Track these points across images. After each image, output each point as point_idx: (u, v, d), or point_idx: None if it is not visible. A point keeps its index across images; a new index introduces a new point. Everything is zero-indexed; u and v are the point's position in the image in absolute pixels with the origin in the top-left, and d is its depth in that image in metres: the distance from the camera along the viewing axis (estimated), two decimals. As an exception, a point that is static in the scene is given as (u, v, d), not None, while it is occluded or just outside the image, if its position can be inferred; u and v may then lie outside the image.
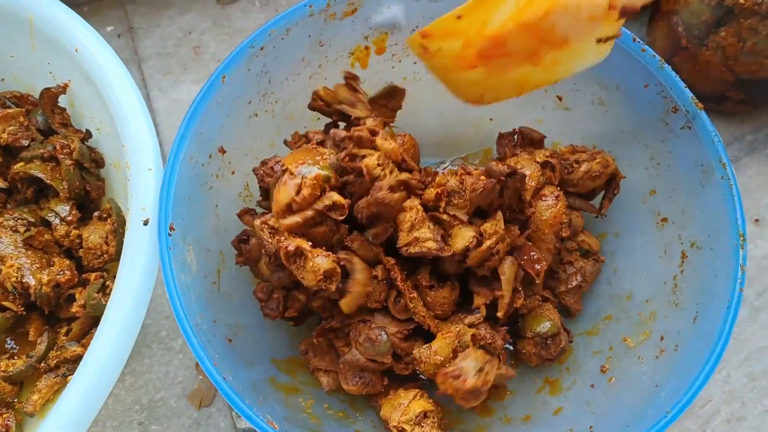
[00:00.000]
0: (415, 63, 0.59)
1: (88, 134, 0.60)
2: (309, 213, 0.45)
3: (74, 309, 0.54)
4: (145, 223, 0.46)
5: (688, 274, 0.50)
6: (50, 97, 0.59)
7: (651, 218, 0.54)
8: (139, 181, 0.48)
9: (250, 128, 0.56)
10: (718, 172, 0.48)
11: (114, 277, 0.51)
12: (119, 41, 0.73)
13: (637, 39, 0.51)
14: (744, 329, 0.61)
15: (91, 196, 0.60)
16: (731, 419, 0.58)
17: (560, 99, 0.58)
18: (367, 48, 0.58)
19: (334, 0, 0.53)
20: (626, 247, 0.57)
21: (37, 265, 0.55)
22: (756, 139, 0.70)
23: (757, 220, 0.66)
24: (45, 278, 0.54)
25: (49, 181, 0.57)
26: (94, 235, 0.57)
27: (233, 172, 0.55)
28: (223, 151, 0.54)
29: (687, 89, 0.50)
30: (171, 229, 0.46)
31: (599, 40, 0.44)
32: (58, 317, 0.57)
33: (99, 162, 0.60)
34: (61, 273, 0.55)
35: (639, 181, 0.55)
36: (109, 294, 0.53)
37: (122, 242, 0.50)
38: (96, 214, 0.58)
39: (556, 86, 0.55)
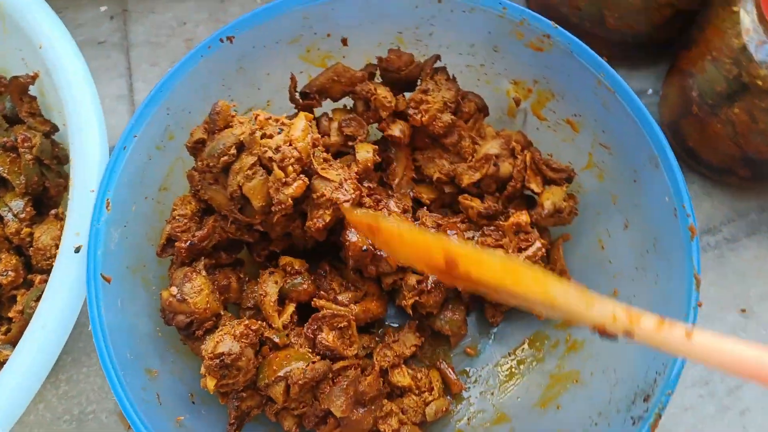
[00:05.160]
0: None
1: (55, 128, 0.58)
2: None
3: (11, 314, 0.52)
4: (77, 250, 0.44)
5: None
6: (18, 86, 0.57)
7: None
8: (81, 204, 0.46)
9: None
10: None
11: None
12: (111, 23, 0.70)
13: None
14: (708, 428, 0.58)
15: (49, 193, 0.58)
16: None
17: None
18: (529, 90, 0.57)
19: (528, 23, 0.52)
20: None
21: (-18, 261, 0.54)
22: (760, 219, 0.65)
23: (743, 310, 0.62)
24: (-12, 276, 0.53)
25: (5, 175, 0.56)
26: (45, 235, 0.55)
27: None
28: None
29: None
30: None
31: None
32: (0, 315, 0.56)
33: (62, 159, 0.58)
34: (5, 273, 0.53)
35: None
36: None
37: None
38: (53, 212, 0.56)
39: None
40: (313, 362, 0.50)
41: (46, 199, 0.58)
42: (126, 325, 0.46)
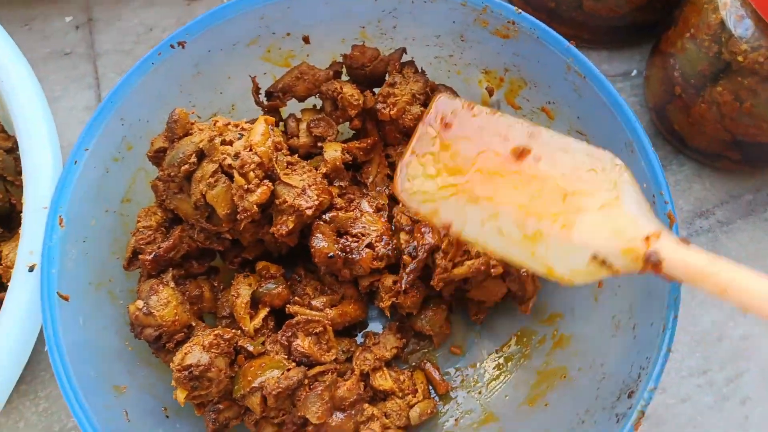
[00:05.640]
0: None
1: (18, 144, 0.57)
2: None
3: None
4: (31, 269, 0.43)
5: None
6: (-22, 102, 0.56)
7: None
8: (34, 222, 0.44)
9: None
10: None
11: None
12: (76, 34, 0.69)
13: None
14: (707, 419, 0.56)
15: (17, 209, 0.57)
16: None
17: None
18: (501, 80, 0.55)
19: (491, 10, 0.50)
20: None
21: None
22: (755, 200, 0.63)
23: (738, 295, 0.59)
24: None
25: (-32, 194, 0.55)
26: (13, 252, 0.54)
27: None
28: None
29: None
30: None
31: (594, 257, 0.36)
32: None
33: (27, 174, 0.57)
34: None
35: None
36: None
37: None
38: (21, 229, 0.55)
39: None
40: (288, 370, 0.48)
41: (15, 215, 0.57)
42: (89, 342, 0.45)
